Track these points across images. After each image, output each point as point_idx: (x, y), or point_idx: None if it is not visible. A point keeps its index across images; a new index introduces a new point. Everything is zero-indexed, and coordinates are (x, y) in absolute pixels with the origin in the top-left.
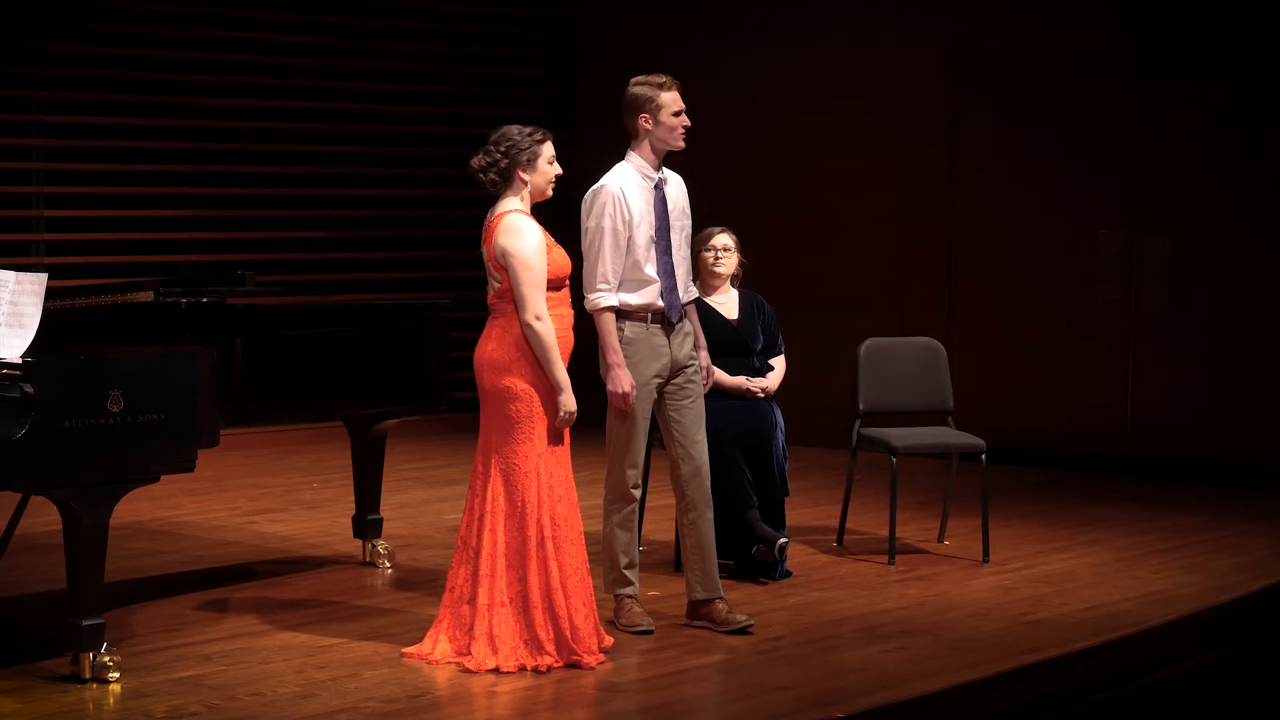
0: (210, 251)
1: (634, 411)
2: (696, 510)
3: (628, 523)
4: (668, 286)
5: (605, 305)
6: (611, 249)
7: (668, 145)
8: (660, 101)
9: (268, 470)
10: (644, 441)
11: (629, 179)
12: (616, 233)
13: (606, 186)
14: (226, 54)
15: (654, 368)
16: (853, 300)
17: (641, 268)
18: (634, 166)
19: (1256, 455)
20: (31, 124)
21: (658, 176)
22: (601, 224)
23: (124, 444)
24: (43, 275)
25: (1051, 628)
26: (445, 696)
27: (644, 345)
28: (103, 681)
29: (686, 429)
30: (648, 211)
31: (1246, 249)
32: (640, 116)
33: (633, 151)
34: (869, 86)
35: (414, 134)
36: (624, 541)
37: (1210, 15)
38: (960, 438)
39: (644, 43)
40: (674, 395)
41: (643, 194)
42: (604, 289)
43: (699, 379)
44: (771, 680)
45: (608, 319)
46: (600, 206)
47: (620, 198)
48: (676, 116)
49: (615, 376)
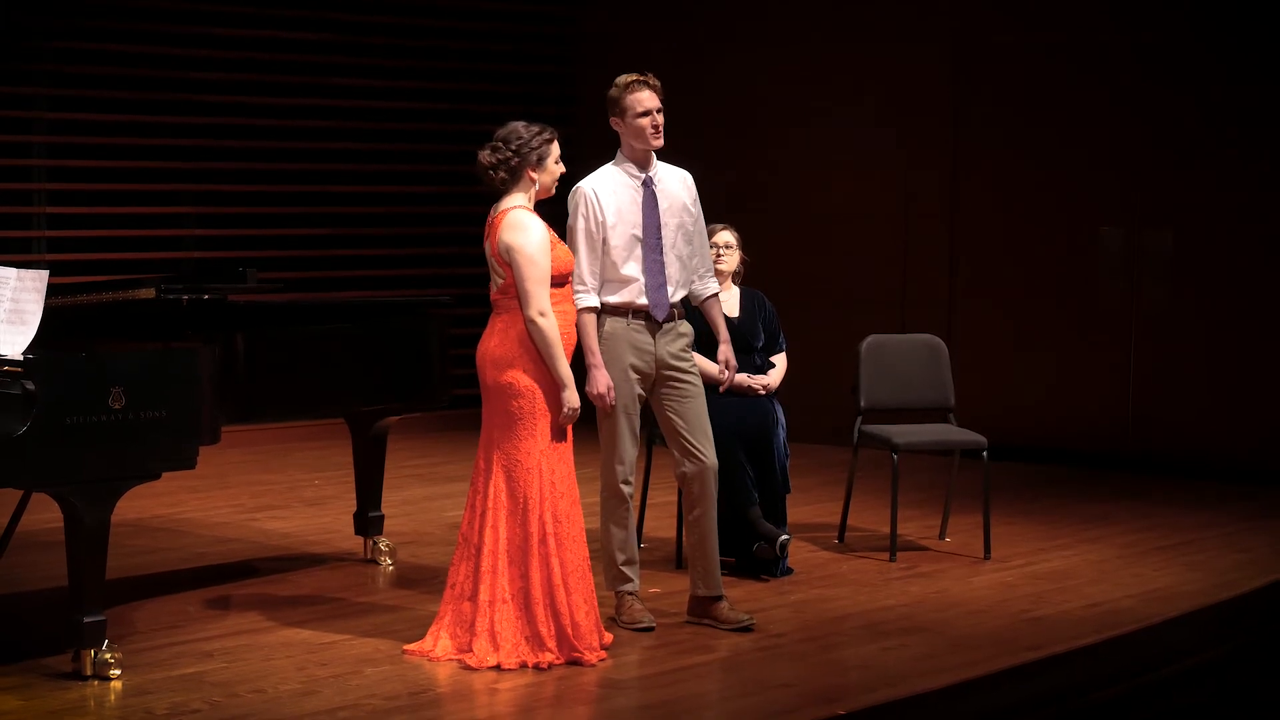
0: (212, 248)
1: (615, 409)
2: (700, 508)
3: (622, 520)
4: (654, 285)
5: (584, 306)
6: (586, 250)
7: (640, 144)
8: (624, 103)
9: (269, 467)
10: (630, 437)
11: (610, 179)
12: (589, 233)
13: (581, 188)
14: (227, 51)
15: (630, 359)
16: (854, 297)
17: (619, 268)
18: (619, 167)
19: (1258, 452)
20: (33, 121)
21: (645, 175)
22: (575, 225)
23: (125, 441)
24: (44, 272)
25: (1053, 625)
26: (447, 693)
27: (622, 339)
28: (104, 679)
29: (688, 428)
30: (630, 210)
31: (1247, 247)
32: (611, 119)
33: (619, 151)
34: (871, 85)
35: (415, 131)
36: (620, 538)
37: (1210, 15)
38: (962, 435)
39: (645, 42)
40: (670, 395)
41: (626, 193)
42: (582, 290)
43: (696, 379)
44: (773, 677)
45: (587, 320)
46: (574, 207)
47: (592, 198)
48: (643, 117)
49: (592, 378)
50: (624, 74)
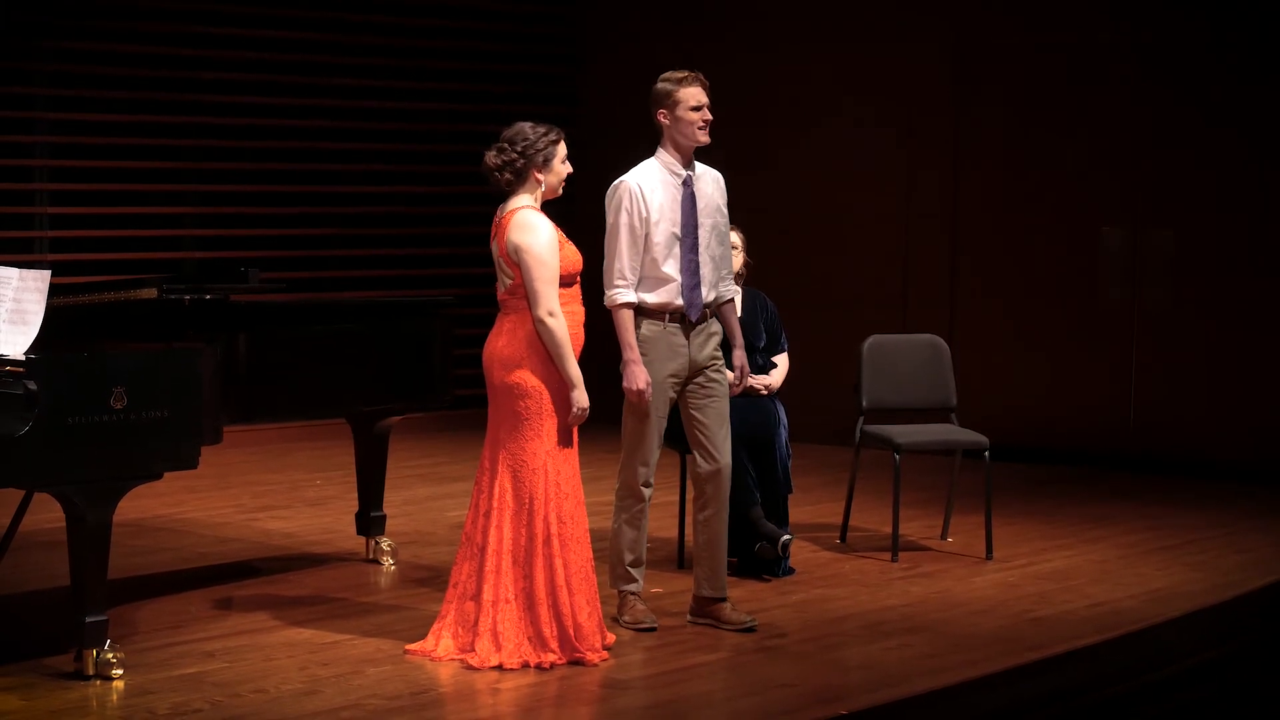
0: (213, 248)
1: (648, 409)
2: (712, 509)
3: (636, 520)
4: (690, 285)
5: (622, 301)
6: (628, 245)
7: (688, 140)
8: (677, 96)
9: (271, 467)
10: (657, 440)
11: (652, 175)
12: (633, 229)
13: (625, 182)
14: (230, 51)
15: (670, 367)
16: (856, 298)
17: (659, 265)
18: (660, 163)
19: (1259, 452)
20: (35, 121)
21: (685, 173)
22: (618, 220)
23: (127, 441)
24: (46, 272)
25: (1054, 625)
26: (449, 693)
27: (661, 344)
28: (106, 678)
29: (708, 427)
30: (671, 208)
31: (1248, 247)
32: (659, 112)
33: (660, 148)
34: (872, 85)
35: (416, 131)
36: (630, 538)
37: (1211, 15)
38: (963, 435)
39: (647, 42)
40: (695, 394)
41: (667, 191)
42: (621, 285)
43: (723, 379)
44: (774, 677)
45: (625, 315)
46: (618, 202)
47: (637, 193)
48: (695, 111)
49: (630, 373)
50: (671, 70)
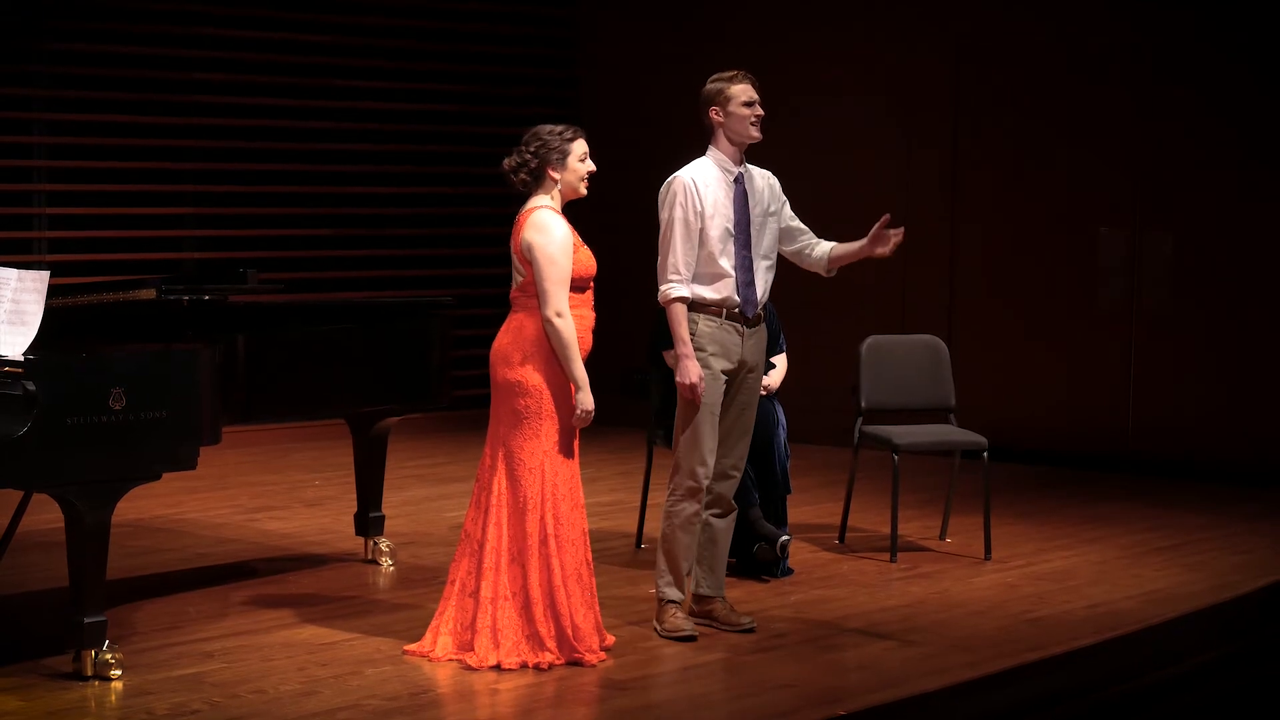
0: (212, 249)
1: (702, 404)
2: (719, 508)
3: (690, 525)
4: (744, 281)
5: (676, 296)
6: (683, 240)
7: (741, 136)
8: (729, 93)
9: (269, 468)
10: (714, 436)
11: (706, 171)
12: (688, 223)
13: (679, 177)
14: (228, 51)
15: (724, 363)
16: (854, 298)
17: (715, 260)
18: (713, 160)
19: (1259, 453)
20: (33, 121)
21: (738, 170)
22: (673, 215)
23: (126, 442)
24: (44, 273)
25: (1053, 626)
26: (447, 694)
27: (716, 340)
28: (105, 679)
29: (729, 428)
30: (725, 204)
31: (1249, 248)
32: (711, 110)
33: (711, 146)
34: (871, 84)
35: (416, 132)
36: (685, 544)
37: (1212, 15)
38: (962, 435)
39: (647, 41)
40: (733, 393)
41: (721, 187)
42: (675, 280)
43: (759, 381)
44: (773, 678)
45: (679, 309)
46: (672, 197)
47: (692, 187)
48: (747, 107)
49: (684, 367)
50: (719, 71)
